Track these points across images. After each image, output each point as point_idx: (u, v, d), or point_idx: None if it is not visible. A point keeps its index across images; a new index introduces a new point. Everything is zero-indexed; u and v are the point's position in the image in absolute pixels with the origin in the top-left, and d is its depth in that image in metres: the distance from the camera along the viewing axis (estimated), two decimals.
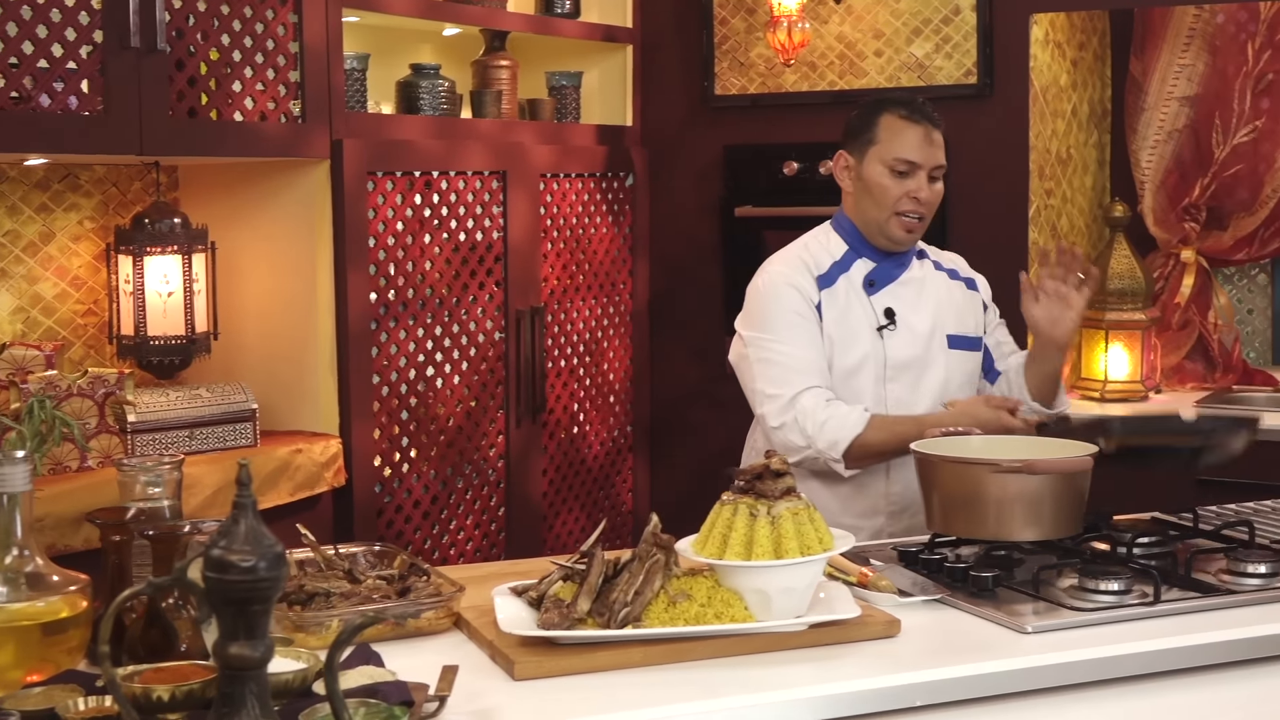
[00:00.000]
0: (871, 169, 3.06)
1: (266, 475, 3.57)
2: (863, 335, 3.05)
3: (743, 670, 2.00)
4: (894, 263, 3.12)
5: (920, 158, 3.04)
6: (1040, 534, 2.46)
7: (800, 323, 3.02)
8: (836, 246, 3.13)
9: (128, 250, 3.60)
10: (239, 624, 1.39)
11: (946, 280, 3.20)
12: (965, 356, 3.15)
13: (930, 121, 3.07)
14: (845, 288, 3.08)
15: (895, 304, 3.09)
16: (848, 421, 2.92)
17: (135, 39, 3.22)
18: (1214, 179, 4.62)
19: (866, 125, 3.10)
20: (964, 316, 3.18)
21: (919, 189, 3.04)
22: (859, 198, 3.10)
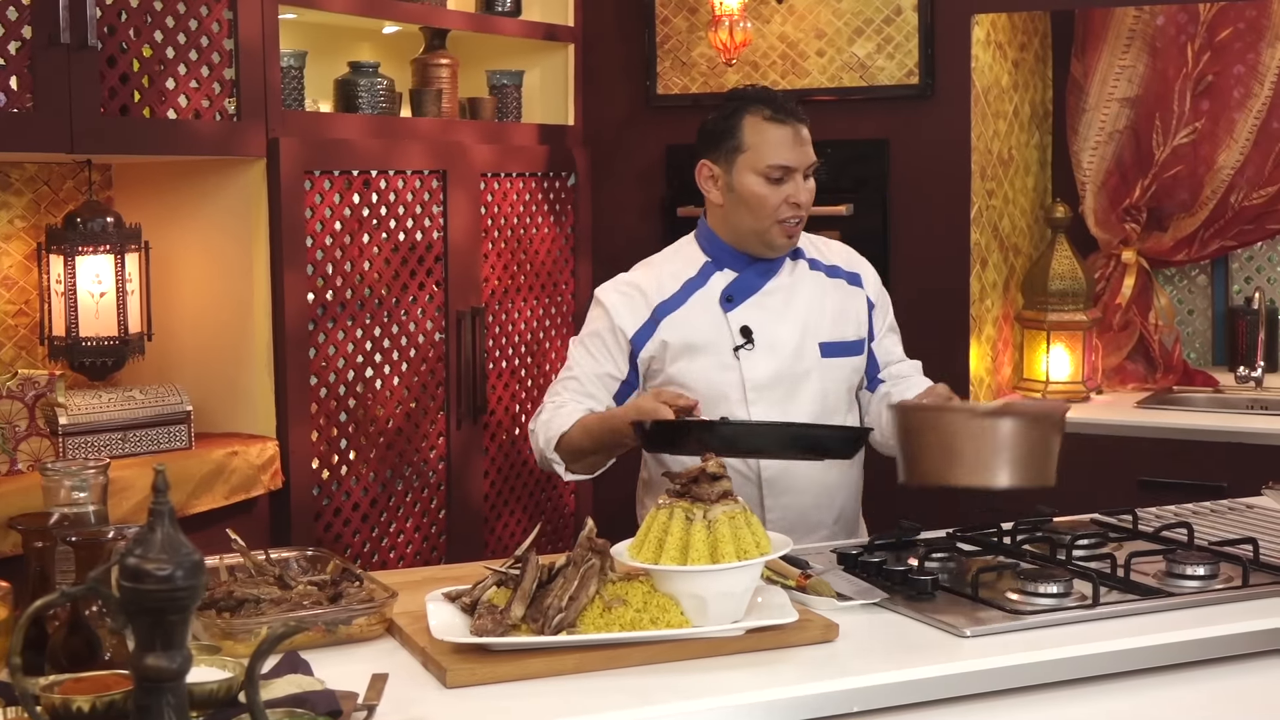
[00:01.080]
0: (744, 179, 2.87)
1: (201, 478, 3.51)
2: (719, 356, 2.90)
3: (679, 676, 1.97)
4: (758, 271, 2.94)
5: (794, 160, 2.85)
6: (1019, 480, 2.44)
7: (599, 341, 2.94)
8: (694, 261, 2.98)
9: (59, 250, 3.53)
10: (155, 634, 1.35)
11: (822, 280, 3.01)
12: (843, 364, 2.99)
13: (796, 118, 2.88)
14: (699, 306, 2.92)
15: (756, 319, 2.91)
16: (561, 421, 2.85)
17: (65, 35, 3.15)
18: (1154, 180, 4.63)
19: (729, 131, 2.90)
20: (842, 320, 3.00)
21: (796, 193, 2.85)
22: (731, 209, 2.91)
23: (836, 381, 2.97)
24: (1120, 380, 4.72)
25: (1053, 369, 4.53)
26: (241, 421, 3.76)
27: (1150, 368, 4.71)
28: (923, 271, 4.37)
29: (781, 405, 2.89)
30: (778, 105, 2.87)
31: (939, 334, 4.35)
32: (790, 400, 2.90)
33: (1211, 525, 2.82)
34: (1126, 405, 4.41)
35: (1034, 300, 4.58)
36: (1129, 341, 4.72)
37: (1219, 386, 4.59)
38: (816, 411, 2.92)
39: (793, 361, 2.92)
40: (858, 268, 3.09)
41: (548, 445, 2.86)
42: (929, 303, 4.37)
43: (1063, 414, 2.52)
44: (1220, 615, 2.26)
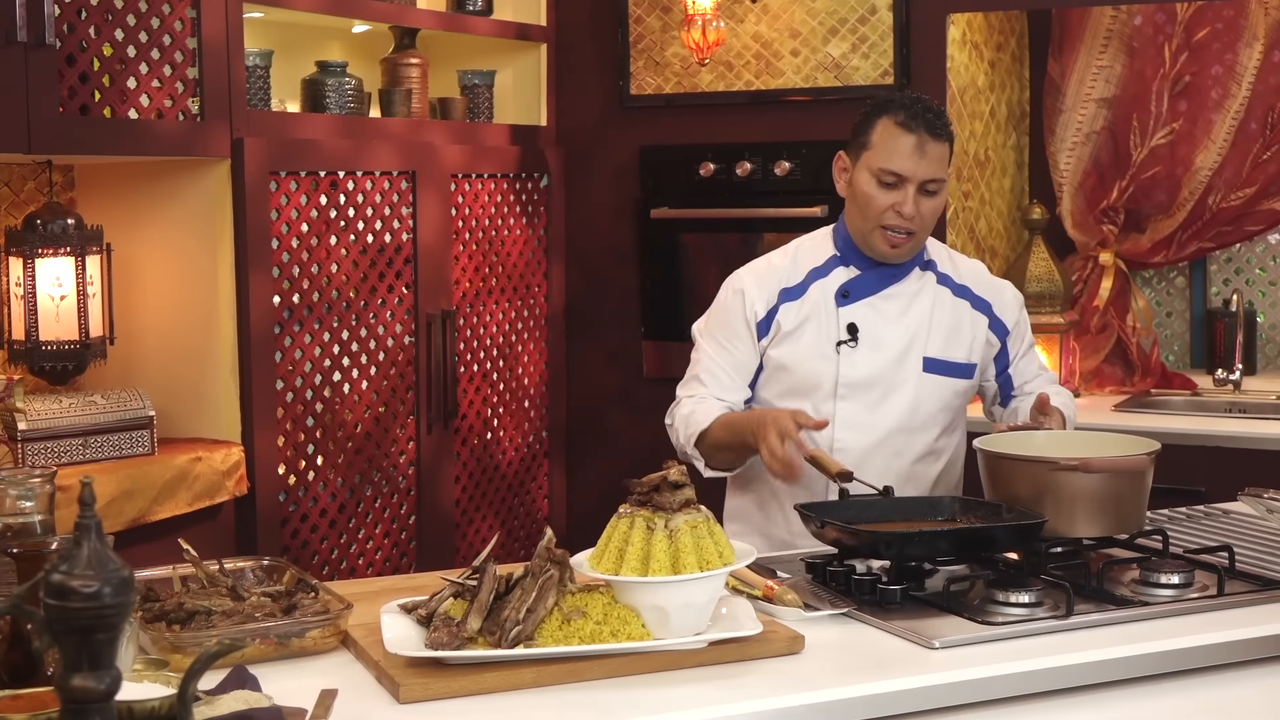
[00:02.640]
0: (860, 176, 2.86)
1: (165, 484, 3.46)
2: (824, 348, 2.90)
3: (640, 690, 1.92)
4: (880, 274, 2.91)
5: (908, 169, 2.79)
6: (1101, 530, 2.47)
7: (731, 335, 2.93)
8: (824, 251, 2.96)
9: (18, 252, 3.47)
10: (82, 654, 1.29)
11: (948, 298, 2.96)
12: (944, 383, 2.93)
13: (928, 130, 2.79)
14: (817, 297, 2.92)
15: (866, 318, 2.90)
16: (702, 416, 2.86)
17: (22, 33, 3.09)
18: (1132, 181, 4.60)
19: (865, 127, 2.87)
20: (954, 340, 2.94)
21: (904, 203, 2.79)
22: (849, 204, 2.92)
23: (932, 398, 2.92)
24: (1098, 383, 4.68)
25: None
26: (206, 426, 3.71)
27: (1128, 370, 4.67)
28: None
29: (871, 408, 2.89)
30: (914, 113, 2.81)
31: None
32: (880, 405, 2.89)
33: (1187, 532, 2.78)
34: (1104, 408, 4.36)
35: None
36: (1107, 344, 4.68)
37: (1197, 389, 4.55)
38: (903, 422, 2.90)
39: (893, 367, 2.89)
40: (989, 293, 3.01)
41: (688, 441, 2.87)
42: None
43: (1145, 465, 2.50)
44: (1195, 625, 2.21)
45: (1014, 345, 3.04)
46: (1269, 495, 2.76)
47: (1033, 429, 2.75)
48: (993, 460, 2.55)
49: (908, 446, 2.90)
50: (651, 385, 4.64)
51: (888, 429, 2.89)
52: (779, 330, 2.92)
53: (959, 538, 2.39)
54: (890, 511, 2.55)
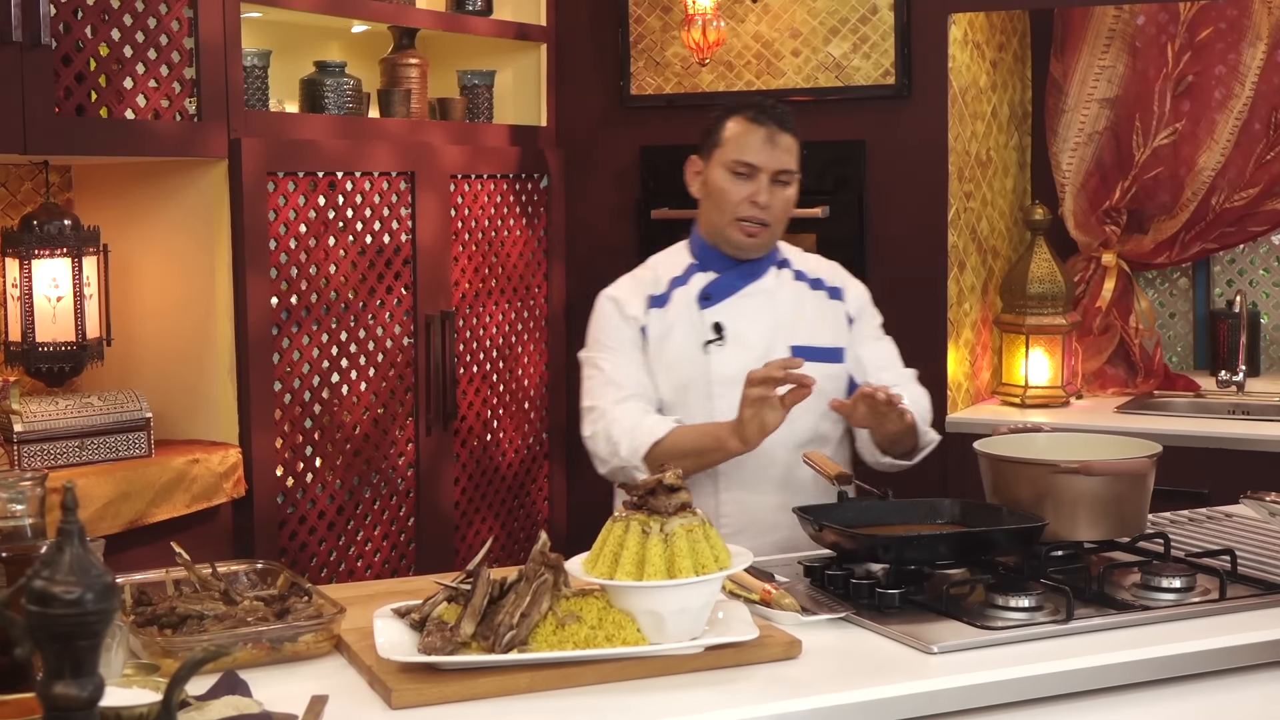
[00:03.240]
0: (714, 172, 2.98)
1: (162, 486, 3.44)
2: (689, 352, 2.97)
3: (635, 696, 1.90)
4: (739, 274, 3.02)
5: (761, 160, 2.94)
6: (1102, 534, 2.46)
7: (622, 339, 2.99)
8: (681, 261, 3.07)
9: (14, 253, 3.45)
10: (64, 661, 1.27)
11: (805, 290, 3.08)
12: (816, 369, 2.89)
13: (777, 123, 2.96)
14: (680, 303, 3.01)
15: (729, 317, 2.99)
16: (653, 428, 2.85)
17: (17, 33, 3.07)
18: (1134, 182, 4.57)
19: (715, 129, 3.01)
20: (819, 326, 3.05)
21: (758, 193, 2.93)
22: (704, 203, 3.03)
23: None
24: (1100, 385, 4.66)
25: (1032, 373, 4.46)
26: (203, 428, 3.69)
27: (1131, 372, 4.65)
28: (899, 274, 4.30)
29: None
30: (763, 109, 2.97)
31: (916, 338, 4.27)
32: None
33: (1189, 535, 2.76)
34: (1106, 410, 4.34)
35: (1013, 304, 4.52)
36: (1109, 345, 4.66)
37: (1200, 391, 4.53)
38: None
39: (761, 360, 2.89)
40: (842, 283, 3.14)
41: (633, 454, 2.85)
42: (906, 306, 4.29)
43: (1147, 468, 2.48)
44: (1197, 630, 2.19)
45: (857, 330, 3.10)
46: (1271, 498, 2.74)
47: (1033, 430, 2.74)
48: (993, 463, 2.54)
49: (789, 435, 2.88)
50: None
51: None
52: (649, 338, 2.99)
53: (958, 541, 2.37)
54: (889, 514, 2.53)
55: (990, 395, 4.60)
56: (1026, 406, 4.42)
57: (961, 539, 2.39)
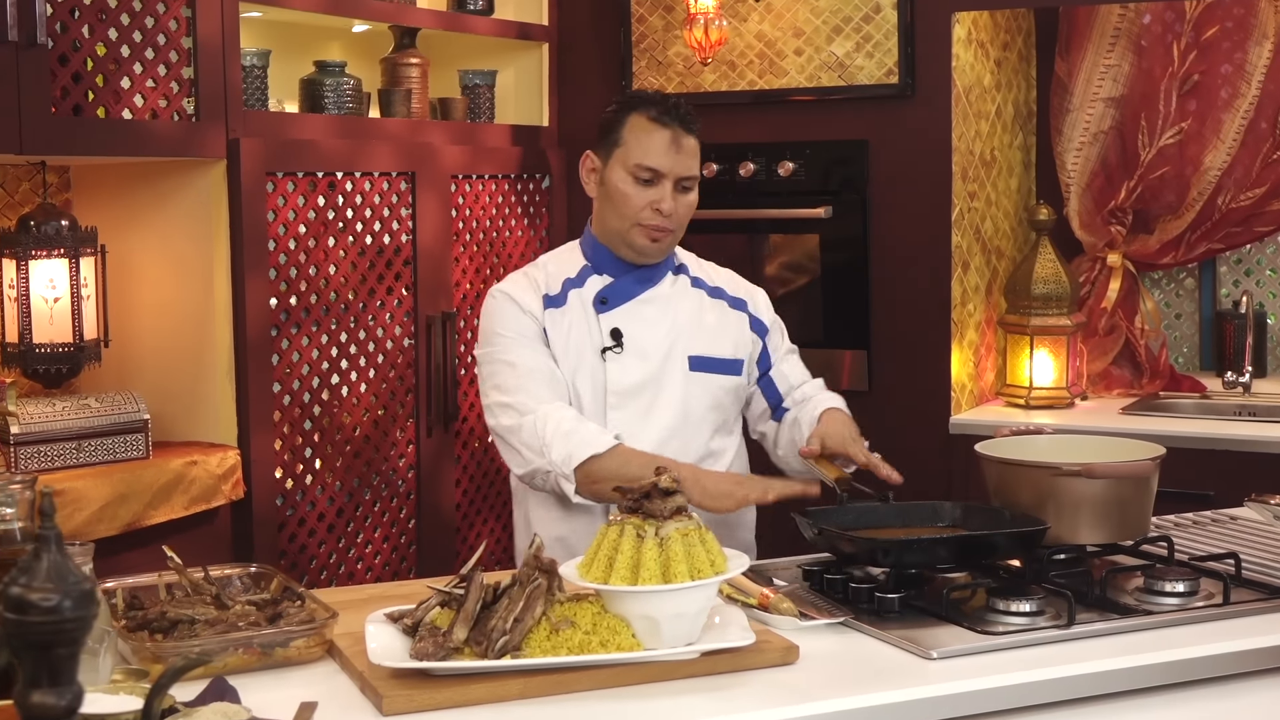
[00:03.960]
0: (614, 174, 2.83)
1: (160, 488, 3.42)
2: (586, 358, 2.83)
3: (630, 702, 1.88)
4: (636, 278, 2.88)
5: (665, 165, 2.78)
6: (1104, 537, 2.43)
7: (528, 333, 2.82)
8: (575, 262, 2.92)
9: (11, 254, 3.43)
10: (42, 669, 1.25)
11: (703, 298, 2.94)
12: (713, 380, 2.87)
13: (682, 125, 2.79)
14: (576, 306, 2.86)
15: (627, 324, 2.84)
16: (593, 440, 2.66)
17: (12, 32, 3.05)
18: (1140, 181, 4.54)
19: (614, 125, 2.85)
20: (718, 337, 2.91)
21: (661, 200, 2.78)
22: (601, 205, 2.89)
23: (702, 397, 2.87)
24: (1105, 386, 4.63)
25: (1036, 374, 4.43)
26: (201, 430, 3.67)
27: (1136, 373, 4.62)
28: (903, 275, 4.28)
29: (642, 415, 2.81)
30: (665, 108, 2.80)
31: (920, 339, 4.27)
32: (651, 410, 2.82)
33: (1192, 538, 2.73)
34: (1111, 411, 4.31)
35: (1017, 304, 4.49)
36: (1114, 346, 4.63)
37: (1206, 392, 4.49)
38: (675, 425, 2.83)
39: (659, 370, 2.83)
40: (744, 293, 3.01)
41: (565, 461, 2.66)
42: (909, 307, 4.28)
43: (1150, 471, 2.46)
44: (1201, 635, 2.16)
45: (774, 344, 2.99)
46: (1276, 501, 2.72)
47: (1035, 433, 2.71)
48: (995, 466, 2.51)
49: (683, 450, 2.81)
50: None
51: (661, 434, 2.81)
52: (550, 339, 2.84)
53: (958, 545, 2.35)
54: (889, 517, 2.51)
55: (994, 396, 4.57)
56: (1031, 408, 4.39)
57: (962, 542, 2.36)
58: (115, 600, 2.18)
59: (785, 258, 4.47)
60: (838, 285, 4.37)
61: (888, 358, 4.32)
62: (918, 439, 4.24)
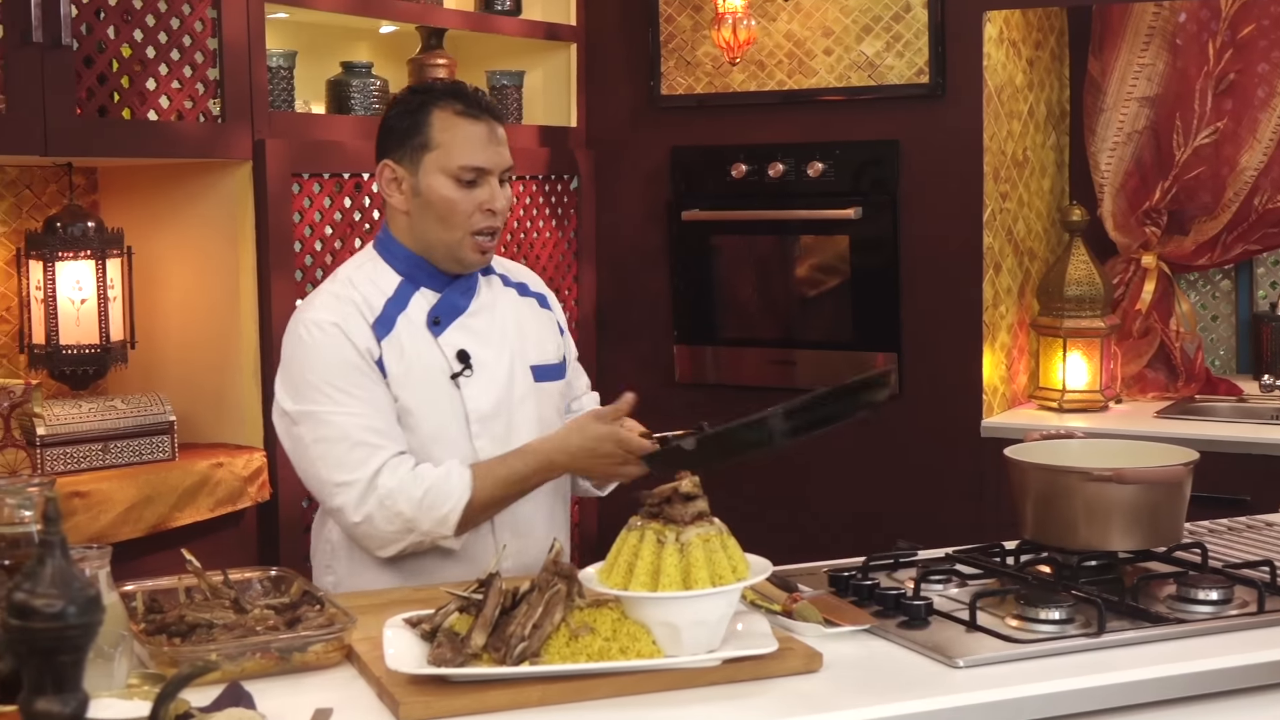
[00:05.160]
0: (431, 181, 2.51)
1: (185, 490, 3.42)
2: (438, 387, 2.53)
3: (650, 710, 1.85)
4: (458, 290, 2.60)
5: (489, 161, 2.52)
6: (1136, 543, 2.38)
7: (358, 378, 2.48)
8: (387, 280, 2.57)
9: (38, 255, 3.44)
10: (46, 676, 1.23)
11: (515, 299, 2.71)
12: (553, 388, 2.69)
13: (492, 114, 2.55)
14: (407, 331, 2.53)
15: (468, 342, 2.57)
16: (450, 488, 2.44)
17: (38, 33, 3.05)
18: (1175, 182, 4.49)
19: (416, 127, 2.53)
20: (543, 340, 2.70)
21: (492, 199, 2.52)
22: (418, 217, 2.54)
23: (549, 407, 2.68)
24: (1140, 389, 4.58)
25: (1069, 377, 4.39)
26: (227, 431, 3.66)
27: (1171, 376, 4.56)
28: (934, 277, 4.24)
29: (504, 439, 2.56)
30: (470, 100, 2.55)
31: (951, 342, 4.23)
32: (510, 432, 2.58)
33: (1227, 545, 2.68)
34: (1146, 415, 4.26)
35: (1050, 306, 4.44)
36: (1149, 349, 4.58)
37: (1243, 395, 4.43)
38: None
39: (508, 388, 2.60)
40: (542, 289, 2.80)
41: (442, 524, 2.44)
42: (940, 309, 4.24)
43: (1182, 476, 2.41)
44: (1234, 644, 2.11)
45: (569, 347, 2.80)
46: None
47: (1066, 437, 2.67)
48: (1024, 469, 2.47)
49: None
50: (684, 390, 4.57)
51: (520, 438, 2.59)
52: (389, 371, 2.51)
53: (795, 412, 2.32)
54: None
55: (1027, 399, 4.52)
56: (1064, 411, 4.34)
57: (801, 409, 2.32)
58: (135, 603, 2.16)
59: (815, 259, 4.44)
60: (868, 287, 4.33)
61: (918, 360, 4.28)
62: (949, 442, 4.20)
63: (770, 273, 4.52)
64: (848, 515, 4.31)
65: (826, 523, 4.31)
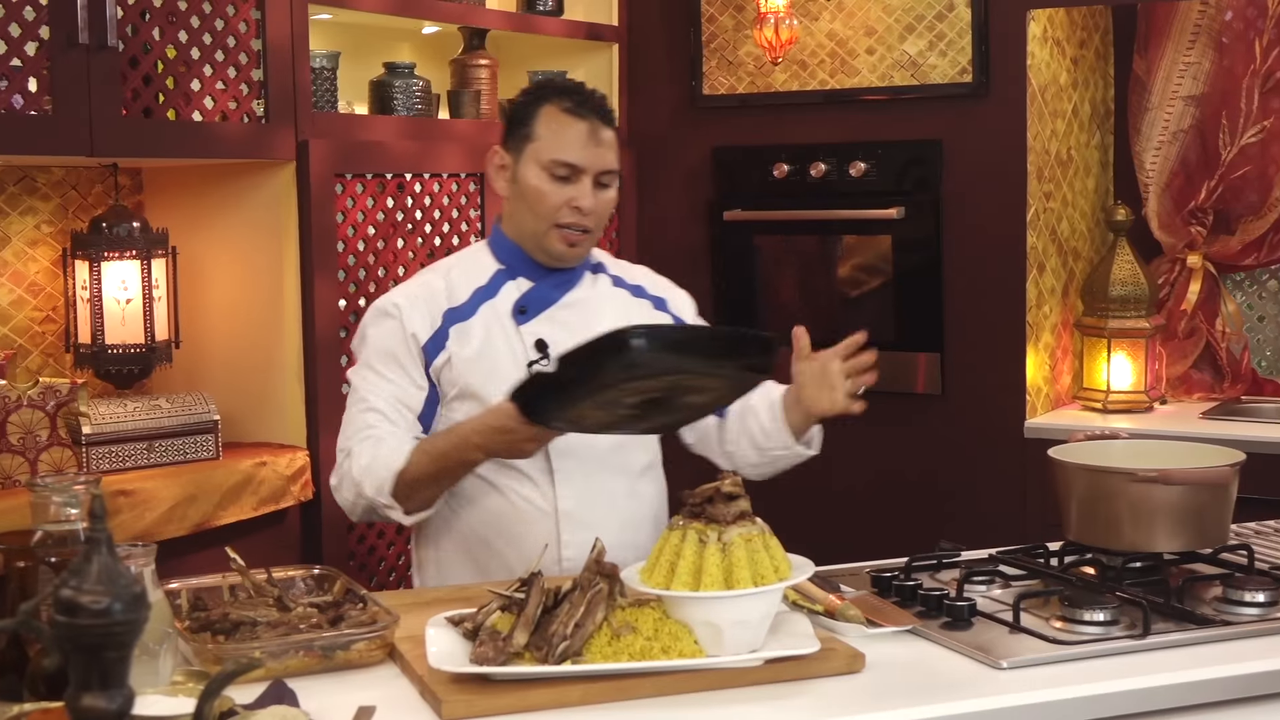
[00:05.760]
0: (527, 171, 2.58)
1: (229, 489, 3.44)
2: (510, 374, 2.52)
3: (692, 709, 1.85)
4: (554, 282, 2.64)
5: (583, 160, 2.55)
6: (1181, 545, 2.36)
7: (391, 362, 2.59)
8: (484, 268, 2.66)
9: (84, 255, 3.47)
10: (92, 672, 1.24)
11: (627, 299, 2.72)
12: None
13: (599, 117, 2.59)
14: (489, 318, 2.61)
15: (551, 332, 2.59)
16: (390, 458, 2.49)
17: (84, 35, 3.08)
18: (1221, 181, 4.45)
19: (525, 117, 2.60)
20: None
21: (580, 197, 2.54)
22: (514, 204, 2.63)
23: None
24: (1185, 390, 4.54)
25: (1114, 378, 4.36)
26: (271, 431, 3.68)
27: (1217, 377, 4.53)
28: (977, 277, 4.22)
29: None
30: (581, 98, 2.59)
31: (994, 342, 4.20)
32: None
33: (1274, 547, 2.66)
34: (1191, 416, 4.23)
35: (1094, 306, 4.41)
36: (1195, 349, 4.54)
37: None
38: (615, 439, 2.60)
39: None
40: (665, 292, 2.80)
41: (379, 491, 2.50)
42: (984, 309, 4.22)
43: (1229, 477, 2.39)
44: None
45: None
46: None
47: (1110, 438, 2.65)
48: (1068, 470, 2.46)
49: (626, 464, 2.64)
50: None
51: (603, 448, 2.60)
52: (453, 357, 2.59)
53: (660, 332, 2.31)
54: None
55: (1071, 400, 4.50)
56: (1108, 412, 4.31)
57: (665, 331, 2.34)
58: (180, 601, 2.18)
59: (858, 259, 4.42)
60: (911, 287, 4.31)
61: (962, 361, 4.26)
62: (992, 443, 4.18)
63: (812, 273, 4.51)
64: (890, 515, 4.29)
65: (869, 523, 4.30)
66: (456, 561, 2.64)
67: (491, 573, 2.57)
